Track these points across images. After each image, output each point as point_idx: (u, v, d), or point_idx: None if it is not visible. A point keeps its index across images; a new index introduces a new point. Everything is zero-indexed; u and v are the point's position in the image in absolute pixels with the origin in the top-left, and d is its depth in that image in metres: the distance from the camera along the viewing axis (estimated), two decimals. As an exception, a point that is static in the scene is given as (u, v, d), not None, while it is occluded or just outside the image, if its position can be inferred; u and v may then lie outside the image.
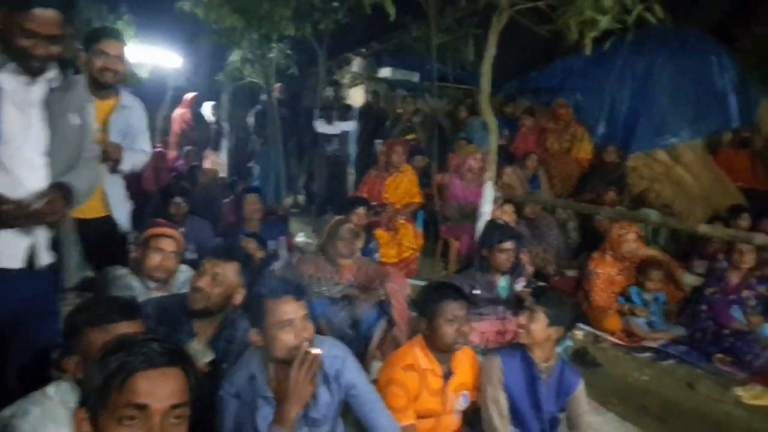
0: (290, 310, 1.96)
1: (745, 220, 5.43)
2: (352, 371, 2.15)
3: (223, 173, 8.30)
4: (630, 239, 4.82)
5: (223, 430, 2.01)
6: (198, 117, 8.65)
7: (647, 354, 4.24)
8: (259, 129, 8.47)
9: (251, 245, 4.22)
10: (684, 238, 6.09)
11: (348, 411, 2.21)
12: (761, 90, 7.68)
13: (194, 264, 2.79)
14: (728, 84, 7.37)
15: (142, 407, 1.25)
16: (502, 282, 3.99)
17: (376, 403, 2.19)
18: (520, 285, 4.07)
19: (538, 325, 2.49)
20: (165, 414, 1.26)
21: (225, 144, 8.89)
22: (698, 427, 3.23)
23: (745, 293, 4.36)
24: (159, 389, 1.27)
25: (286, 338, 1.94)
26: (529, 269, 4.78)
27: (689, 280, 5.08)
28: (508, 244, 3.90)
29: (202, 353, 2.24)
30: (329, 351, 2.11)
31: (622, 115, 7.37)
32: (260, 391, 1.99)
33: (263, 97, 8.42)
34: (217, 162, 8.16)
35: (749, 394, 3.56)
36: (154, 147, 3.94)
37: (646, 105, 7.18)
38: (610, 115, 7.45)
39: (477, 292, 3.90)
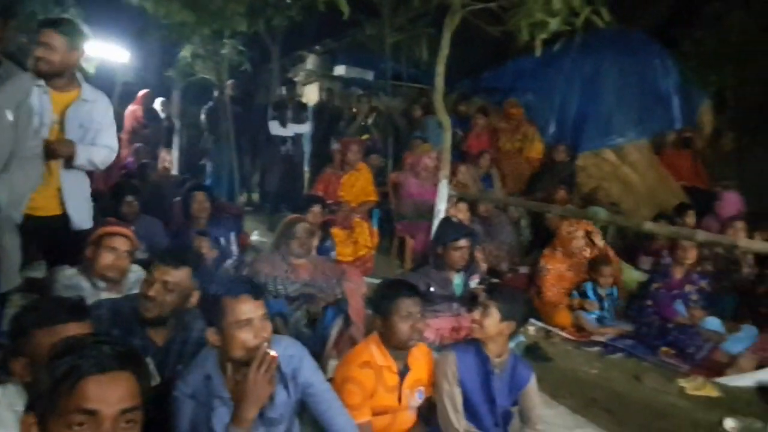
0: (248, 309, 1.93)
1: (690, 218, 5.64)
2: (308, 370, 2.13)
3: (174, 171, 8.14)
4: (579, 236, 4.95)
5: (177, 431, 1.97)
6: (150, 114, 8.45)
7: (596, 348, 4.35)
8: (211, 126, 8.32)
9: (204, 244, 4.16)
10: (630, 236, 6.30)
11: (304, 410, 2.20)
12: (702, 92, 8.00)
13: (145, 264, 2.74)
14: (671, 86, 7.65)
15: (92, 413, 1.22)
16: (456, 279, 4.04)
17: (333, 402, 2.18)
18: (474, 282, 4.13)
19: (491, 320, 2.53)
20: (115, 419, 1.24)
21: (176, 141, 8.71)
22: (644, 417, 3.33)
23: (688, 288, 4.53)
24: (109, 394, 1.24)
25: (245, 338, 1.91)
26: (483, 266, 4.86)
27: (635, 275, 5.26)
28: (463, 242, 3.95)
29: None
30: (286, 350, 2.08)
31: (572, 115, 7.56)
32: (216, 391, 1.95)
33: (216, 93, 8.29)
34: (167, 159, 8.00)
35: (692, 385, 3.70)
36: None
37: (594, 106, 7.38)
38: (560, 115, 7.63)
39: (432, 289, 3.94)
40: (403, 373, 2.49)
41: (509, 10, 4.76)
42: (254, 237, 6.16)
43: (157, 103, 8.76)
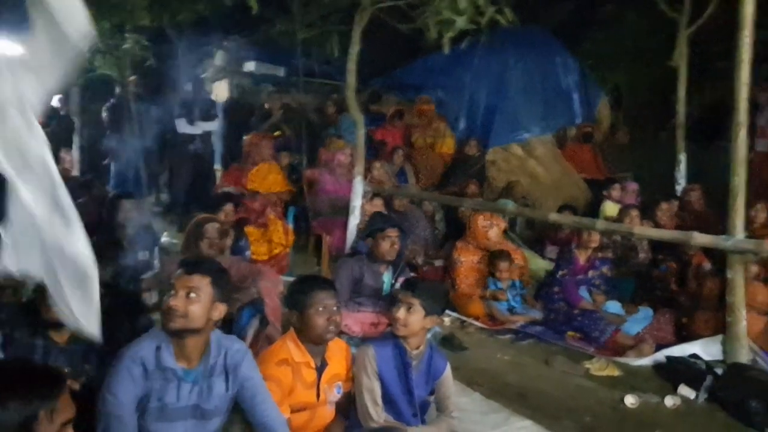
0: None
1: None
2: (249, 365, 2.24)
3: (75, 172, 7.72)
4: (494, 229, 5.12)
5: (124, 395, 2.00)
6: (50, 112, 7.97)
7: (508, 336, 4.52)
8: (112, 124, 7.94)
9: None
10: (538, 226, 6.59)
11: (235, 410, 2.24)
12: (599, 89, 8.47)
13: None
14: (572, 83, 8.05)
15: None
16: (385, 276, 4.08)
17: (267, 396, 2.26)
18: (399, 284, 4.15)
19: (416, 317, 2.58)
20: None
21: (76, 140, 8.27)
22: (553, 399, 3.49)
23: (591, 273, 4.79)
24: None
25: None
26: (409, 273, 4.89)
27: (542, 264, 5.50)
28: (392, 231, 3.99)
29: None
30: (233, 344, 2.23)
31: (480, 111, 7.79)
32: (164, 361, 2.06)
33: (118, 90, 7.93)
34: (67, 160, 7.58)
35: (596, 366, 3.91)
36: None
37: (501, 102, 7.64)
38: (469, 111, 7.85)
39: (366, 276, 3.96)
40: (320, 368, 2.49)
41: (418, 8, 4.83)
42: (163, 239, 5.95)
43: (55, 101, 8.26)
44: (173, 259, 3.80)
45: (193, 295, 2.09)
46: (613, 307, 4.63)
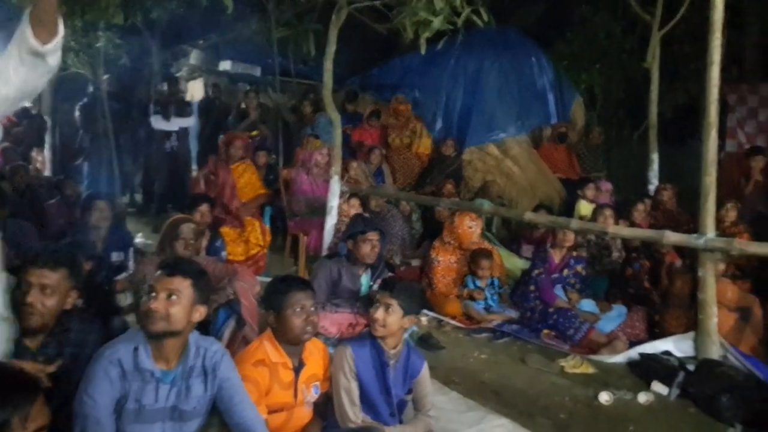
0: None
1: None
2: (227, 366, 2.23)
3: (47, 172, 7.59)
4: (477, 230, 5.16)
5: (101, 396, 1.98)
6: (22, 111, 7.82)
7: (485, 335, 4.54)
8: (85, 124, 7.82)
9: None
10: (514, 226, 6.64)
11: (213, 411, 2.24)
12: (573, 89, 8.57)
13: (15, 270, 2.54)
14: (547, 83, 8.13)
15: None
16: (364, 278, 4.08)
17: (245, 396, 2.24)
18: (377, 286, 4.16)
19: (395, 317, 2.58)
20: None
21: (48, 140, 8.12)
22: (529, 396, 3.52)
23: (566, 272, 4.84)
24: None
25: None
26: (388, 274, 4.90)
27: (518, 263, 5.54)
28: (373, 234, 3.99)
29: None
30: (211, 346, 2.21)
31: (457, 111, 7.83)
32: (141, 362, 2.04)
33: (91, 89, 7.81)
34: (39, 160, 7.45)
35: (570, 364, 3.96)
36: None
37: (477, 102, 7.68)
38: (446, 111, 7.88)
39: (344, 278, 3.96)
40: (298, 369, 2.49)
41: (394, 9, 4.84)
42: (138, 240, 5.88)
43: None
44: (148, 260, 3.75)
45: (174, 297, 2.07)
46: (588, 305, 4.69)
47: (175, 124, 7.33)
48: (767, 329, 4.19)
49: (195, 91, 9.80)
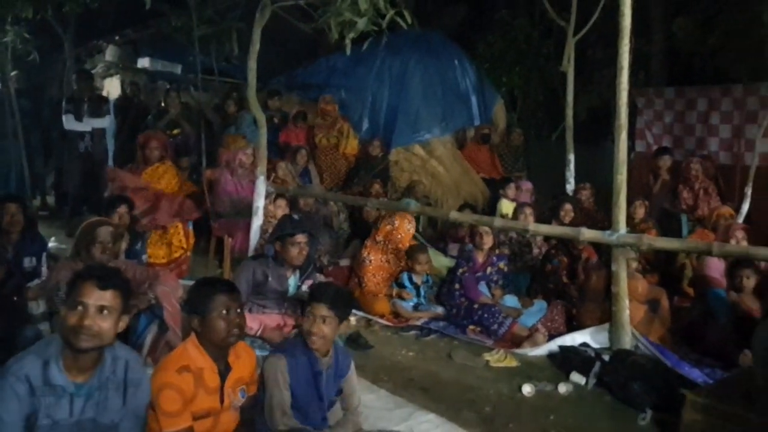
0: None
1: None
2: (146, 389, 2.20)
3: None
4: (412, 231, 5.23)
5: (8, 414, 1.90)
6: None
7: (413, 332, 4.62)
8: (-8, 122, 7.38)
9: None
10: (440, 225, 6.77)
11: None
12: (495, 91, 8.82)
13: None
14: (469, 85, 8.31)
15: None
16: (291, 279, 4.03)
17: (137, 422, 2.20)
18: (306, 286, 4.12)
19: (331, 328, 2.58)
20: None
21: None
22: (455, 391, 3.60)
23: (489, 270, 4.98)
24: None
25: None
26: (319, 277, 4.87)
27: (444, 261, 5.65)
28: (301, 237, 3.94)
29: None
30: (130, 356, 2.18)
31: (383, 112, 7.88)
32: (51, 378, 1.96)
33: (-2, 86, 7.37)
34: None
35: (495, 358, 4.08)
36: None
37: (402, 103, 7.76)
38: (372, 112, 7.92)
39: (270, 279, 3.90)
40: (224, 373, 2.44)
41: (319, 8, 4.83)
42: (51, 244, 5.58)
43: None
44: (62, 265, 3.58)
45: (105, 312, 1.99)
46: (511, 300, 4.84)
47: (88, 124, 6.97)
48: (674, 319, 4.47)
49: (112, 89, 9.40)
